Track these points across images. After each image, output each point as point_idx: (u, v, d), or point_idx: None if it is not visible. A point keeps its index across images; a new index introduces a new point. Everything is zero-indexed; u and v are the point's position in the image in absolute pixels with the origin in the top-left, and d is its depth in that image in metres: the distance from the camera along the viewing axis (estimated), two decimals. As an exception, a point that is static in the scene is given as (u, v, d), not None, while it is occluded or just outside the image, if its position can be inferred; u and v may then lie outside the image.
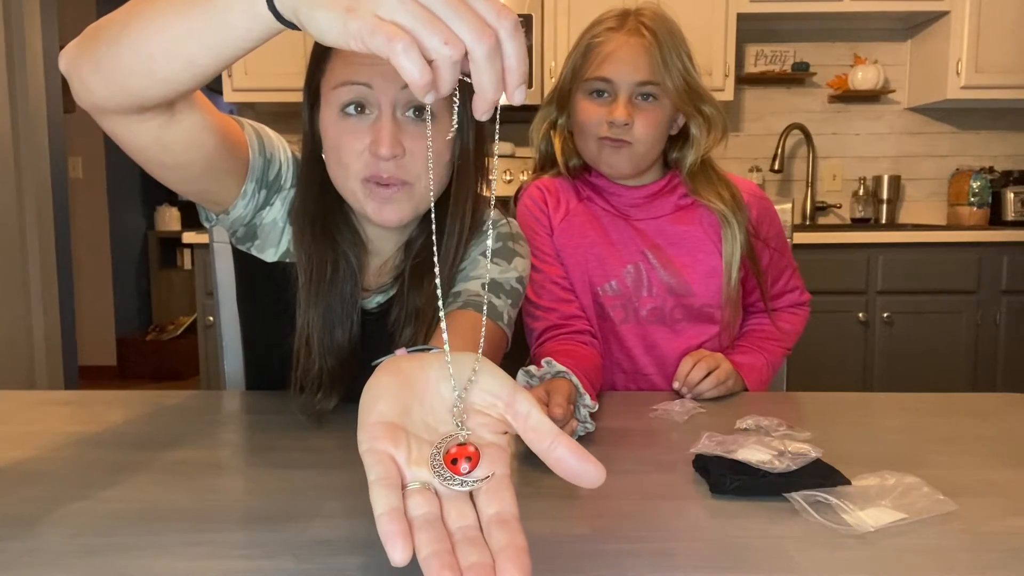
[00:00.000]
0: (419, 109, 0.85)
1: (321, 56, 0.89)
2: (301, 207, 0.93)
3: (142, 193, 4.66)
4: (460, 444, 0.49)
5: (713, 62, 2.82)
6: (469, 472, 0.48)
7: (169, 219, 4.57)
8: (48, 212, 3.13)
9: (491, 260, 0.97)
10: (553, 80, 2.85)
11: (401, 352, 0.56)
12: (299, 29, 0.53)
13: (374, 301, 0.98)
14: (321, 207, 0.92)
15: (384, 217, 0.87)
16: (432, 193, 0.81)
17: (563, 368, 0.83)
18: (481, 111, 0.46)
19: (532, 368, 0.85)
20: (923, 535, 0.59)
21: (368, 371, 0.57)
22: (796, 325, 1.24)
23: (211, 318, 2.52)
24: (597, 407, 0.82)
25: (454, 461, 0.48)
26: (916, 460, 0.77)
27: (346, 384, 0.91)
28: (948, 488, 0.66)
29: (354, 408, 0.52)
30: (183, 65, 0.62)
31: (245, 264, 1.02)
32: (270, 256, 0.98)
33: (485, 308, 0.65)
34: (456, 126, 0.56)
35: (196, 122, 0.77)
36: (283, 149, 0.96)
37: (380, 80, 0.83)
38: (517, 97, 0.46)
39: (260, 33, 0.57)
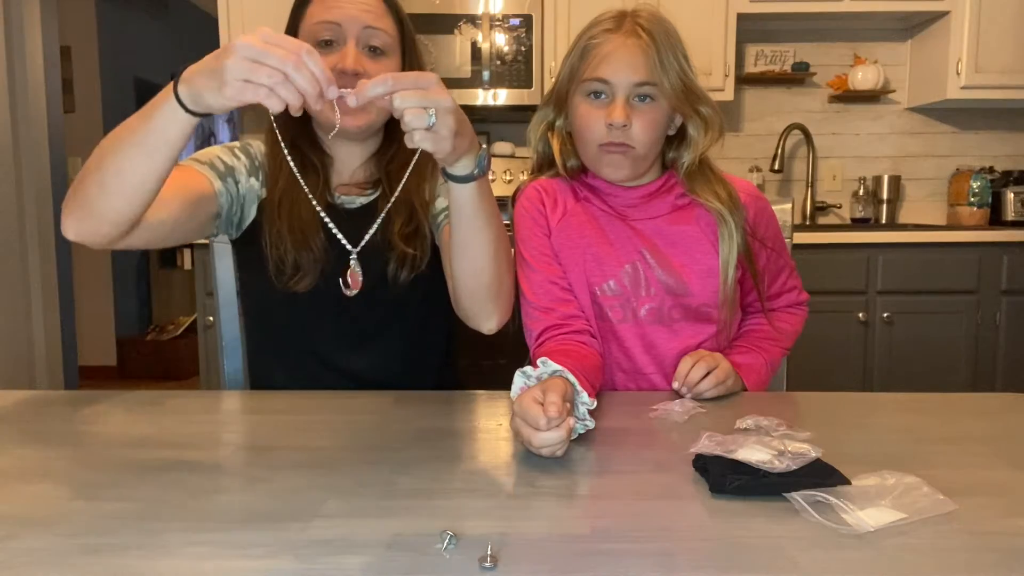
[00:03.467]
0: (372, 48, 1.08)
1: (301, 5, 1.10)
2: (273, 131, 1.09)
3: (142, 193, 4.65)
4: None
5: (713, 62, 2.82)
6: None
7: (169, 219, 4.57)
8: (48, 212, 3.13)
9: None
10: (553, 80, 2.85)
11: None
12: (208, 115, 0.79)
13: (356, 202, 1.14)
14: (292, 131, 1.11)
15: (348, 123, 1.07)
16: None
17: (559, 367, 0.84)
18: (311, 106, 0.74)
19: (528, 369, 0.85)
20: (923, 535, 0.59)
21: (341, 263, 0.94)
22: (794, 325, 1.23)
23: (211, 318, 2.51)
24: (595, 404, 0.83)
25: None
26: (916, 460, 0.77)
27: (319, 268, 1.06)
28: (948, 488, 0.66)
29: (354, 407, 0.52)
30: (138, 180, 0.84)
31: (241, 242, 1.16)
32: (252, 201, 1.13)
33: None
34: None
35: (164, 217, 0.97)
36: (227, 150, 1.14)
37: (347, 19, 1.06)
38: (331, 93, 0.74)
39: (182, 130, 0.80)
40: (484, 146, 0.88)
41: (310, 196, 1.08)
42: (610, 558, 0.56)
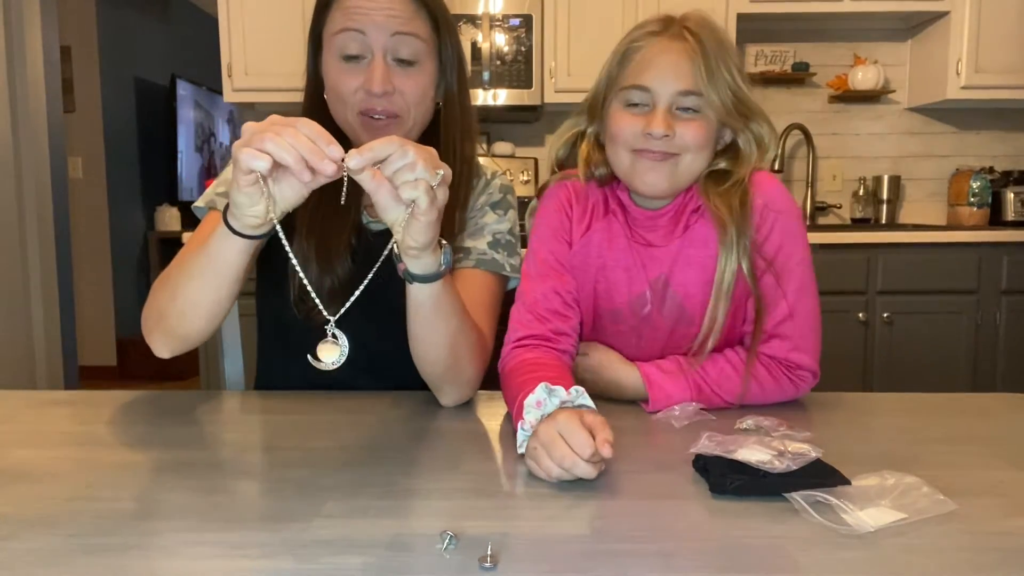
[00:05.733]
0: (402, 60, 1.00)
1: (323, 7, 1.02)
2: None
3: (142, 193, 4.66)
4: None
5: (713, 62, 2.82)
6: None
7: (169, 219, 4.57)
8: (48, 212, 3.13)
9: (492, 210, 1.11)
10: (553, 80, 2.86)
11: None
12: (256, 237, 0.81)
13: (382, 225, 1.04)
14: None
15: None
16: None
17: (591, 404, 0.78)
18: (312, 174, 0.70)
19: (559, 389, 0.78)
20: (923, 535, 0.59)
21: (372, 286, 0.80)
22: (765, 386, 0.99)
23: (211, 318, 2.51)
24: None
25: None
26: (916, 460, 0.77)
27: (345, 296, 0.97)
28: (948, 488, 0.66)
29: (354, 407, 0.52)
30: (213, 301, 0.88)
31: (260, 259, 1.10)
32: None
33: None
34: None
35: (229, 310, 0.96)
36: None
37: (372, 27, 0.97)
38: (333, 153, 0.69)
39: (240, 253, 0.83)
40: (446, 244, 0.83)
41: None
42: (610, 558, 0.56)
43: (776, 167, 3.10)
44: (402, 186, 0.72)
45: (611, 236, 1.06)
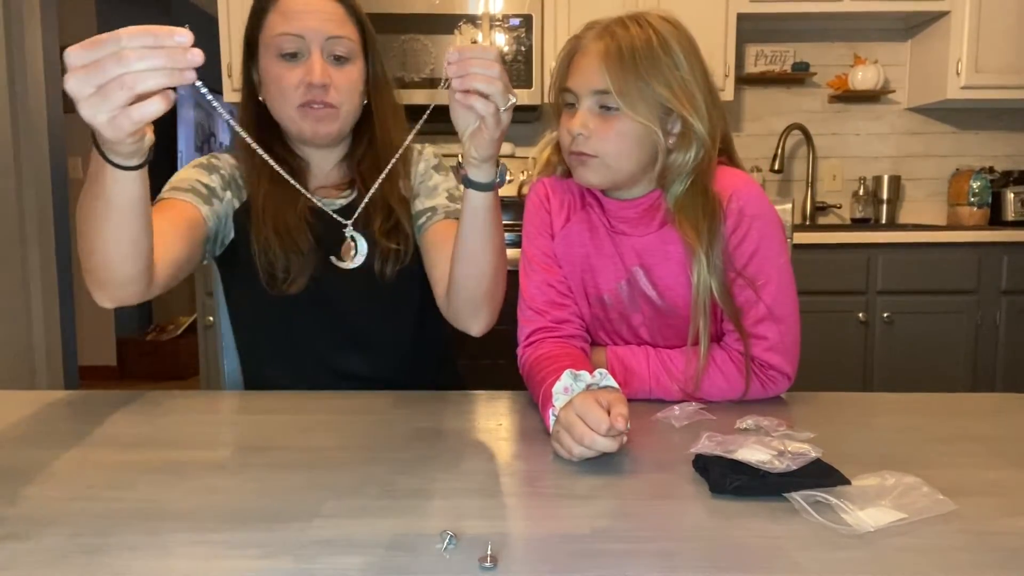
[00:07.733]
0: (337, 57, 1.09)
1: (259, 13, 1.10)
2: (245, 143, 0.95)
3: (142, 193, 4.65)
4: None
5: (713, 62, 2.79)
6: None
7: (169, 219, 4.57)
8: (48, 212, 3.13)
9: (436, 172, 1.21)
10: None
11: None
12: (135, 167, 0.74)
13: (336, 203, 1.15)
14: (265, 137, 1.10)
15: (320, 131, 1.10)
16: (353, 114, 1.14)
17: (616, 384, 0.80)
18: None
19: (583, 373, 0.81)
20: (923, 535, 0.59)
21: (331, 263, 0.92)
22: (733, 380, 1.00)
23: (211, 318, 2.51)
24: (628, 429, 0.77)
25: None
26: (916, 460, 0.77)
27: (308, 271, 1.09)
28: (948, 488, 0.66)
29: (354, 407, 0.52)
30: (130, 241, 0.83)
31: (224, 257, 1.17)
32: (229, 214, 1.14)
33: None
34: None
35: (176, 255, 0.99)
36: (201, 169, 1.13)
37: (309, 31, 1.06)
38: (185, 40, 0.64)
39: (136, 185, 0.77)
40: (503, 163, 0.90)
41: (304, 192, 1.05)
42: (610, 558, 0.56)
43: (776, 167, 3.10)
44: (472, 77, 0.77)
45: (591, 227, 1.11)
